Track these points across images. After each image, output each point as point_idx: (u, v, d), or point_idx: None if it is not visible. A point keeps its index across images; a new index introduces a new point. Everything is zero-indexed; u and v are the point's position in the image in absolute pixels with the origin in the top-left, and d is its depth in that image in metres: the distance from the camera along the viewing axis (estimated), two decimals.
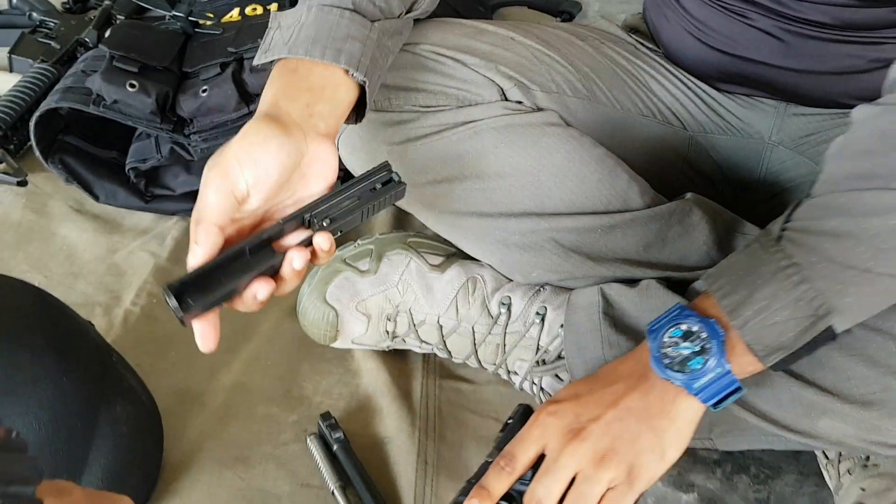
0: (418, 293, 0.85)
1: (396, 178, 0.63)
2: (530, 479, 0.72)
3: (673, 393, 0.61)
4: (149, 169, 1.06)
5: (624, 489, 0.60)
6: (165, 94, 1.00)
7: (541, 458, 0.74)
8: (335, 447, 0.80)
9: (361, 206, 0.62)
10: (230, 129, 1.02)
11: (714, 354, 0.59)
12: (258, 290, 0.59)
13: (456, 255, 0.88)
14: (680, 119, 0.89)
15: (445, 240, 0.88)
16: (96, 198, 1.07)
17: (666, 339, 0.60)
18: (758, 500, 0.78)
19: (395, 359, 0.90)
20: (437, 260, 0.87)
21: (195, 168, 1.06)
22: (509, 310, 0.83)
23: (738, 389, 0.60)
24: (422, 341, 0.87)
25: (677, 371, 0.60)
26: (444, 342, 0.86)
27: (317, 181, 0.62)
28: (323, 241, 0.61)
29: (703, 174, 0.91)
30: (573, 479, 0.61)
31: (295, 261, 0.59)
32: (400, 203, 0.82)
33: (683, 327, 0.60)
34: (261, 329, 0.94)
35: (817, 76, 0.80)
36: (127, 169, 1.06)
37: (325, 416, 0.82)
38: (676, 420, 0.61)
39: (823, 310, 0.58)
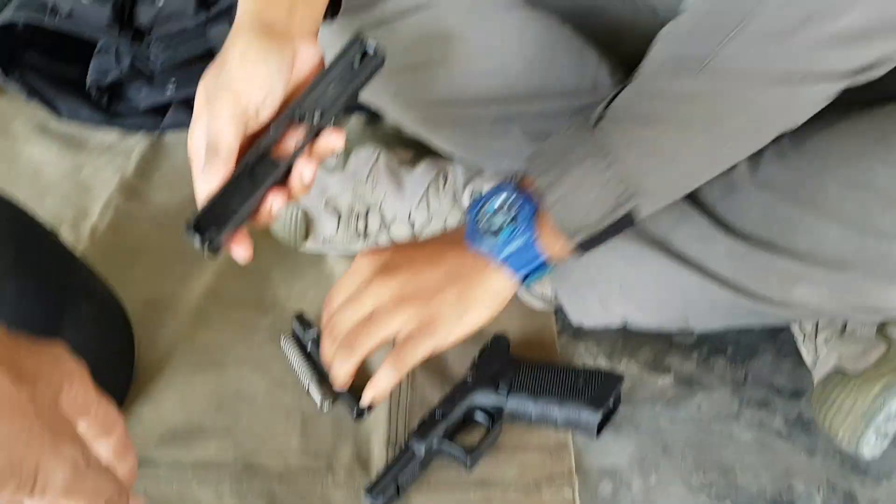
0: (388, 188, 0.83)
1: (372, 50, 0.61)
2: (508, 394, 0.72)
3: (484, 262, 0.63)
4: (111, 84, 1.03)
5: (417, 338, 0.62)
6: (122, 3, 0.97)
7: (506, 369, 0.75)
8: (309, 345, 0.79)
9: (346, 89, 0.60)
10: (191, 36, 0.99)
11: (522, 223, 0.61)
12: (273, 203, 0.60)
13: (426, 149, 0.86)
14: (650, 2, 0.86)
15: (415, 137, 0.86)
16: (59, 114, 1.05)
17: (482, 211, 0.63)
18: (735, 380, 0.78)
19: None
20: (407, 155, 0.85)
21: (157, 81, 1.03)
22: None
23: (543, 265, 0.63)
24: (394, 240, 0.86)
25: (488, 238, 0.62)
26: (417, 239, 0.84)
27: (306, 82, 0.61)
28: (336, 139, 0.61)
29: None
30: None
31: (305, 173, 0.60)
32: (367, 98, 0.81)
33: (500, 199, 0.62)
34: None
35: None
36: (88, 85, 1.03)
37: (299, 316, 0.81)
38: (483, 287, 0.63)
39: (626, 195, 0.60)
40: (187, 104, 1.05)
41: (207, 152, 0.57)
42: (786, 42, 0.54)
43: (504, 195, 0.63)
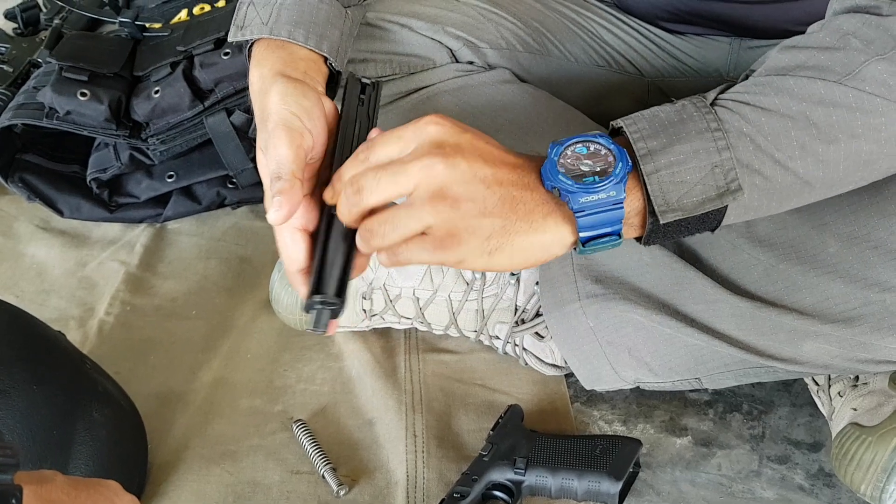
0: (391, 267, 0.84)
1: (367, 80, 0.65)
2: (525, 469, 0.71)
3: (553, 204, 0.54)
4: (111, 178, 1.05)
5: (431, 243, 0.53)
6: (118, 100, 0.99)
7: (522, 442, 0.74)
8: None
9: (369, 121, 0.63)
10: (188, 128, 1.01)
11: (614, 177, 0.52)
12: None
13: None
14: (636, 66, 0.88)
15: None
16: (61, 213, 1.06)
17: (568, 152, 0.54)
18: (753, 436, 0.77)
19: (376, 337, 0.89)
20: None
21: (156, 172, 1.05)
22: (483, 273, 0.82)
23: (613, 237, 0.54)
24: (400, 316, 0.86)
25: (569, 179, 0.53)
26: (423, 314, 0.85)
27: (332, 129, 0.61)
28: None
29: None
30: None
31: None
32: None
33: (591, 147, 0.54)
34: (237, 323, 0.92)
35: (765, 5, 0.79)
36: (88, 180, 1.04)
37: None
38: (537, 232, 0.54)
39: (735, 185, 0.53)
40: (188, 193, 1.06)
41: (272, 183, 0.55)
42: None
43: (598, 142, 0.54)
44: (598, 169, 0.53)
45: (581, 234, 0.53)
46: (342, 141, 0.61)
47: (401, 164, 0.53)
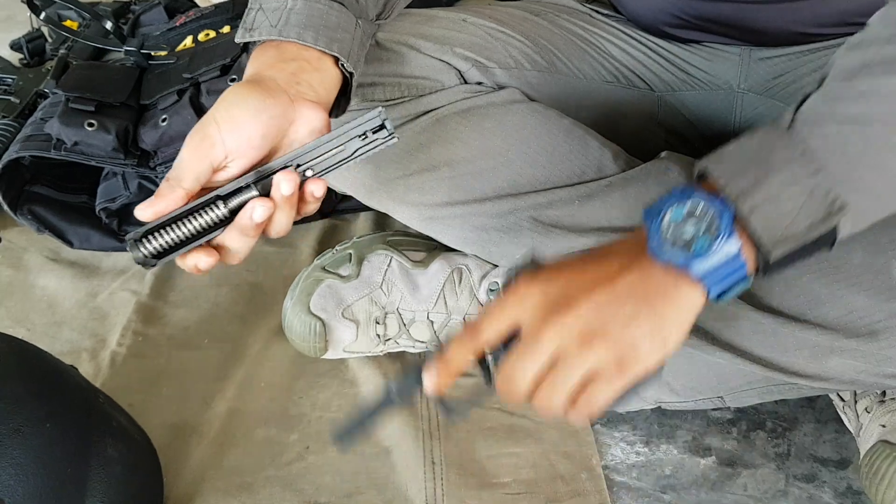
0: (404, 291, 0.83)
1: (390, 127, 0.60)
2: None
3: (674, 278, 0.52)
4: (120, 207, 1.04)
5: (611, 378, 0.51)
6: (125, 129, 0.99)
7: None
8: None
9: (348, 153, 0.59)
10: None
11: (724, 232, 0.50)
12: (199, 261, 0.57)
13: (438, 248, 0.86)
14: (645, 80, 0.87)
15: (426, 235, 0.86)
16: (70, 244, 1.05)
17: (666, 221, 0.51)
18: (778, 455, 0.76)
19: (391, 362, 0.88)
20: (419, 255, 0.85)
21: None
22: (498, 295, 0.81)
23: (744, 279, 0.52)
24: (415, 340, 0.85)
25: (680, 250, 0.51)
26: (438, 338, 0.84)
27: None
28: (317, 188, 0.58)
29: (677, 133, 0.89)
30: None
31: (256, 212, 0.56)
32: (374, 203, 0.81)
33: (687, 207, 0.51)
34: (250, 352, 0.91)
35: (771, 6, 0.78)
36: (97, 210, 1.04)
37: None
38: (678, 306, 0.52)
39: (839, 203, 0.51)
40: None
41: (164, 180, 0.56)
42: None
43: (692, 201, 0.51)
44: (704, 227, 0.51)
45: (711, 296, 0.52)
46: (302, 153, 0.57)
47: (532, 345, 0.51)
